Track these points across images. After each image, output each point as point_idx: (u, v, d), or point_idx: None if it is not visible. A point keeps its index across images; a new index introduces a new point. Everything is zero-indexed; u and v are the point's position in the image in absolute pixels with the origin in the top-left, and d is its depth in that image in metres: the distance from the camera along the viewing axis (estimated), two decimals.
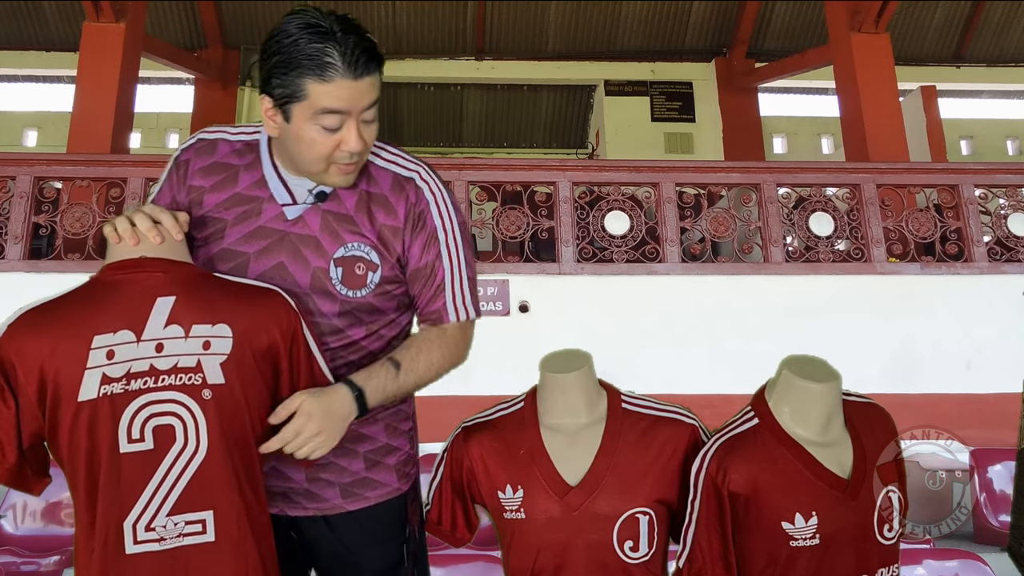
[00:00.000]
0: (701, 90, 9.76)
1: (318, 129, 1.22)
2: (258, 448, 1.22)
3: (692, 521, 1.33)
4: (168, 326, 1.17)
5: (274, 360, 1.23)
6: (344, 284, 1.30)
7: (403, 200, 1.33)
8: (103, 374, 1.13)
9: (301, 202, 1.32)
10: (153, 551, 1.12)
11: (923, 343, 4.81)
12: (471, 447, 1.41)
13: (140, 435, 1.13)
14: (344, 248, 1.30)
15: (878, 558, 1.31)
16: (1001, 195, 5.27)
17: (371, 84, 1.22)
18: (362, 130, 1.24)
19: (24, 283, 4.53)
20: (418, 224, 1.33)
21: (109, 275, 1.22)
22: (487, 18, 9.45)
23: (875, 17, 6.68)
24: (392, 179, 1.34)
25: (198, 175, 1.35)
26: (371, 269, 1.31)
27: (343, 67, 1.18)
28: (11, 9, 9.02)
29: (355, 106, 1.21)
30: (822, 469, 1.30)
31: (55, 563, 3.23)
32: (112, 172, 4.93)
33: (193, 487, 1.14)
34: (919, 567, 2.24)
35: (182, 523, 1.13)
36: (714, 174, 5.26)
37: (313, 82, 1.18)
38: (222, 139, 1.38)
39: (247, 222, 1.32)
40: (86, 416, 1.13)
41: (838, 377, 1.35)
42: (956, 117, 10.08)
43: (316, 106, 1.20)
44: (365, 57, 1.19)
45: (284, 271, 1.30)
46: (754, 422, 1.35)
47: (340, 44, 1.18)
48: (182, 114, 9.71)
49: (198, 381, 1.15)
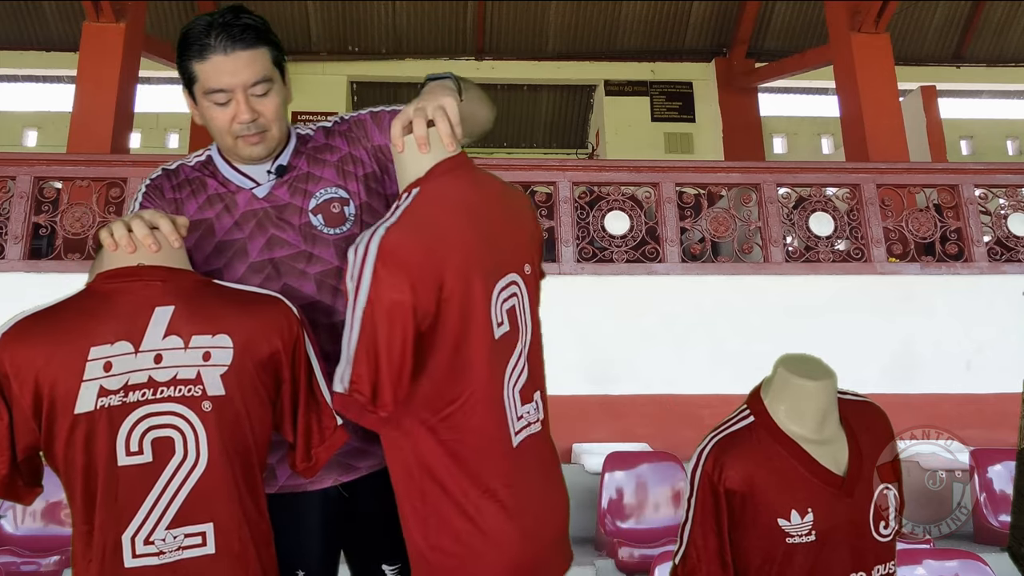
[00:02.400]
0: (701, 90, 9.76)
1: (212, 105, 1.34)
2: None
3: (688, 519, 1.34)
4: (167, 337, 1.14)
5: (276, 369, 1.21)
6: (328, 226, 1.42)
7: (335, 136, 1.50)
8: (100, 386, 1.10)
9: (264, 182, 1.43)
10: (152, 565, 1.10)
11: (923, 343, 4.81)
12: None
13: (139, 448, 1.11)
14: (314, 198, 1.43)
15: (874, 555, 1.31)
16: (1001, 195, 5.27)
17: (248, 59, 1.31)
18: (254, 103, 1.34)
19: (24, 283, 4.53)
20: (358, 128, 1.49)
21: (105, 284, 1.18)
22: (487, 18, 9.46)
23: (875, 17, 6.67)
24: (322, 131, 1.52)
25: (170, 191, 1.46)
26: (344, 204, 1.43)
27: (215, 45, 1.30)
28: (11, 9, 9.02)
29: (235, 82, 1.31)
30: (818, 466, 1.31)
31: (55, 563, 3.23)
32: (112, 172, 4.93)
33: (193, 500, 1.12)
34: (919, 567, 2.24)
35: (182, 536, 1.11)
36: (714, 174, 5.26)
37: (196, 63, 1.32)
38: (182, 165, 1.50)
39: (229, 214, 1.42)
40: (83, 429, 1.10)
41: (833, 375, 1.35)
42: (956, 117, 10.08)
43: (203, 85, 1.33)
44: (237, 34, 1.30)
45: (278, 240, 1.40)
46: (750, 420, 1.35)
47: (215, 27, 1.30)
48: (182, 114, 9.69)
49: (198, 393, 1.13)
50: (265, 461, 1.24)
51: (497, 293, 1.21)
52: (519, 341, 1.25)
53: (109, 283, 1.18)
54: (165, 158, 1.51)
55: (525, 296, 1.27)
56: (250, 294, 1.25)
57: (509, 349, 1.23)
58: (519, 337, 1.25)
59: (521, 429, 1.23)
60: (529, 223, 1.38)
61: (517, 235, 1.30)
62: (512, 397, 1.23)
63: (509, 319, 1.23)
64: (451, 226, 1.20)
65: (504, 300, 1.23)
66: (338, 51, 9.49)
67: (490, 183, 1.34)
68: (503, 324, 1.22)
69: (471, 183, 1.27)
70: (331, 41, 9.44)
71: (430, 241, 1.18)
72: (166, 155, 8.66)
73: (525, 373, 1.25)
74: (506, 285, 1.23)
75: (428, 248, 1.17)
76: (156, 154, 8.77)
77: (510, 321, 1.23)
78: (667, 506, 3.77)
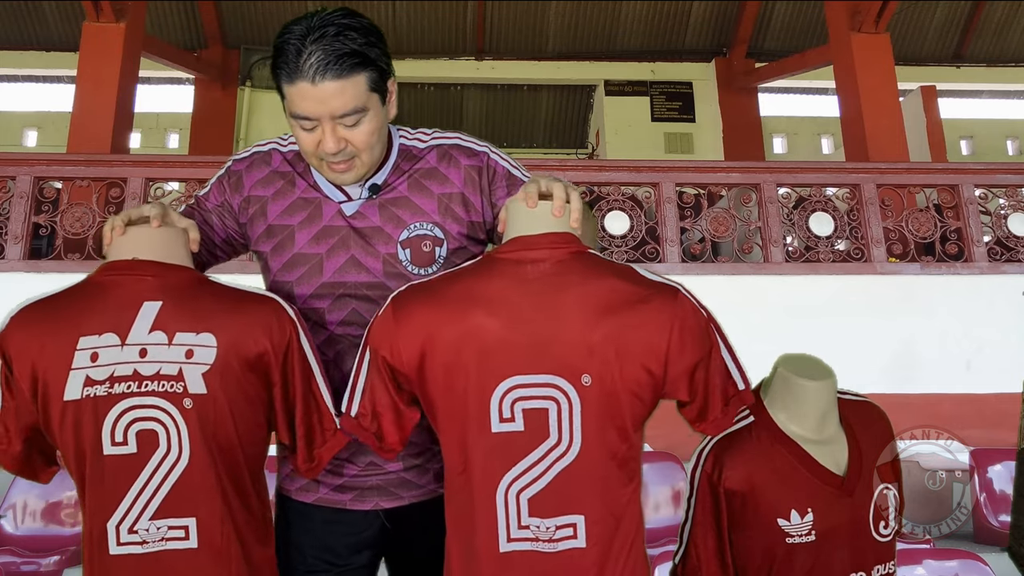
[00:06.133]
0: (701, 90, 9.76)
1: (297, 126, 1.25)
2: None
3: (688, 519, 1.34)
4: (152, 332, 1.15)
5: (265, 370, 1.20)
6: (414, 263, 1.33)
7: (453, 166, 1.37)
8: (87, 376, 1.12)
9: (356, 198, 1.34)
10: (135, 554, 1.12)
11: (923, 343, 4.81)
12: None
13: (123, 438, 1.12)
14: (408, 230, 1.33)
15: (874, 555, 1.31)
16: (1001, 195, 5.27)
17: (338, 90, 1.19)
18: (343, 133, 1.24)
19: (24, 283, 4.53)
20: (486, 175, 1.38)
21: (102, 276, 1.21)
22: (487, 18, 9.46)
23: (875, 17, 6.68)
24: (437, 151, 1.39)
25: (258, 186, 1.39)
26: (437, 244, 1.34)
27: (304, 71, 1.18)
28: (11, 9, 9.02)
29: (320, 111, 1.21)
30: (817, 466, 1.31)
31: (55, 563, 3.23)
32: (112, 172, 4.94)
33: (176, 493, 1.13)
34: (919, 567, 2.23)
35: (165, 528, 1.13)
36: (714, 174, 5.26)
37: (285, 84, 1.21)
38: (275, 149, 1.42)
39: (312, 224, 1.35)
40: (71, 416, 1.13)
41: (832, 375, 1.35)
42: (956, 117, 10.07)
43: (289, 107, 1.23)
44: (332, 62, 1.18)
45: (357, 264, 1.33)
46: (749, 420, 1.35)
47: (308, 48, 1.18)
48: (182, 114, 9.70)
49: (179, 390, 1.13)
50: (260, 458, 1.24)
51: (509, 386, 1.11)
52: (541, 447, 1.11)
53: (105, 275, 1.21)
54: (166, 158, 1.49)
55: (575, 406, 1.10)
56: (244, 293, 1.24)
57: (517, 450, 1.12)
58: (542, 444, 1.11)
59: (522, 539, 1.11)
60: (645, 334, 1.12)
61: (581, 338, 1.11)
62: (511, 500, 1.11)
63: (526, 419, 1.11)
64: (474, 295, 1.14)
65: (520, 398, 1.11)
66: None
67: (594, 281, 1.15)
68: (512, 420, 1.11)
69: (558, 271, 1.15)
70: None
71: (435, 304, 1.15)
72: (166, 155, 8.66)
73: (542, 483, 1.11)
74: (530, 384, 1.11)
75: (428, 310, 1.15)
76: (156, 154, 8.76)
77: (527, 422, 1.11)
78: (667, 506, 3.77)
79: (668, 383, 1.14)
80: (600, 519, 1.12)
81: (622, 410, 1.12)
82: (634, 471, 1.15)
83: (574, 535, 1.11)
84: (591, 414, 1.11)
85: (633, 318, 1.12)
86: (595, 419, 1.11)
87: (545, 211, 1.18)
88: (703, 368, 1.15)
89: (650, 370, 1.12)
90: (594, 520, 1.12)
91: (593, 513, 1.12)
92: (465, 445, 1.13)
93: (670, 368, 1.13)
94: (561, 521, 1.12)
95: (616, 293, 1.13)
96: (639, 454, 1.17)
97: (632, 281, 1.15)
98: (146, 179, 4.87)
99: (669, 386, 1.14)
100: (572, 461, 1.11)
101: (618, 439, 1.13)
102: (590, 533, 1.11)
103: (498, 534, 1.12)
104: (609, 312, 1.12)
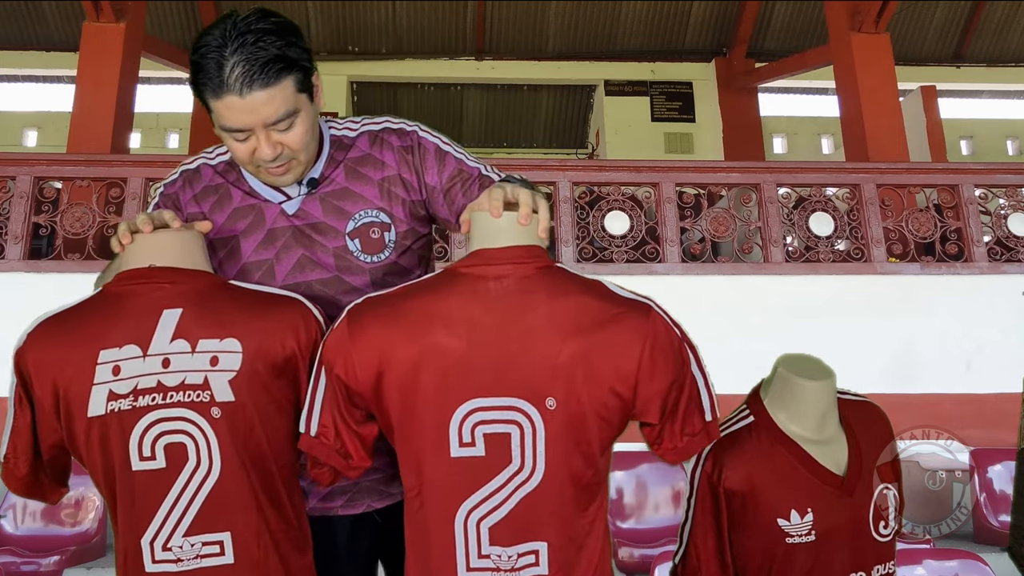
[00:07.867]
0: (701, 90, 9.75)
1: (229, 138, 1.22)
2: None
3: (688, 519, 1.34)
4: (174, 340, 1.11)
5: (293, 374, 1.16)
6: (365, 252, 1.32)
7: (386, 149, 1.36)
8: (110, 390, 1.09)
9: (295, 195, 1.33)
10: (171, 572, 1.08)
11: (923, 343, 4.81)
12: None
13: (151, 453, 1.09)
14: (353, 220, 1.32)
15: (874, 555, 1.31)
16: (1001, 195, 5.26)
17: (268, 98, 1.16)
18: (277, 138, 1.21)
19: (24, 283, 4.53)
20: (417, 153, 1.36)
21: (119, 286, 1.17)
22: (487, 18, 9.45)
23: (875, 17, 6.67)
24: (368, 136, 1.37)
25: (192, 204, 1.36)
26: (384, 229, 1.33)
27: (229, 84, 1.14)
28: (11, 9, 9.02)
29: (252, 121, 1.17)
30: (817, 466, 1.31)
31: (55, 563, 3.23)
32: (112, 172, 4.93)
33: (209, 507, 1.09)
34: (919, 567, 2.24)
35: (199, 544, 1.09)
36: (714, 174, 5.26)
37: (211, 99, 1.17)
38: (204, 164, 1.40)
39: (256, 231, 1.33)
40: (97, 432, 1.10)
41: (832, 375, 1.35)
42: (956, 117, 10.07)
43: (218, 121, 1.20)
44: (256, 73, 1.14)
45: (309, 262, 1.32)
46: (749, 420, 1.35)
47: (227, 60, 1.14)
48: (182, 114, 9.69)
49: (206, 399, 1.09)
50: (293, 467, 1.20)
51: (469, 409, 1.06)
52: (503, 473, 1.06)
53: (121, 285, 1.17)
54: (165, 158, 1.47)
55: (539, 430, 1.05)
56: (267, 295, 1.21)
57: (478, 476, 1.07)
58: (503, 470, 1.06)
59: (482, 568, 1.06)
60: (613, 357, 1.07)
61: (546, 360, 1.06)
62: (471, 529, 1.06)
63: (487, 444, 1.06)
64: (433, 313, 1.08)
65: (481, 422, 1.06)
66: (338, 51, 9.48)
67: (561, 298, 1.09)
68: (472, 445, 1.06)
69: (523, 287, 1.10)
70: (331, 41, 9.44)
71: (391, 320, 1.09)
72: (166, 155, 8.65)
73: (504, 511, 1.06)
74: (492, 407, 1.06)
75: (384, 326, 1.09)
76: (156, 154, 8.76)
77: (488, 447, 1.06)
78: (667, 506, 3.77)
79: (638, 406, 1.09)
80: (563, 544, 1.07)
81: (588, 434, 1.07)
82: (597, 492, 1.11)
83: (536, 562, 1.07)
84: (555, 439, 1.05)
85: (602, 338, 1.06)
86: (560, 444, 1.06)
87: (510, 221, 1.10)
88: (676, 390, 1.10)
89: (619, 393, 1.07)
90: (557, 546, 1.07)
91: (556, 539, 1.07)
92: (421, 469, 1.08)
93: (640, 391, 1.07)
94: (523, 548, 1.06)
95: (584, 311, 1.07)
96: (605, 476, 1.12)
97: (602, 298, 1.10)
98: (146, 179, 4.86)
99: (639, 408, 1.09)
100: (535, 488, 1.06)
101: (583, 464, 1.07)
102: (553, 559, 1.07)
103: (456, 563, 1.06)
104: (576, 332, 1.06)
